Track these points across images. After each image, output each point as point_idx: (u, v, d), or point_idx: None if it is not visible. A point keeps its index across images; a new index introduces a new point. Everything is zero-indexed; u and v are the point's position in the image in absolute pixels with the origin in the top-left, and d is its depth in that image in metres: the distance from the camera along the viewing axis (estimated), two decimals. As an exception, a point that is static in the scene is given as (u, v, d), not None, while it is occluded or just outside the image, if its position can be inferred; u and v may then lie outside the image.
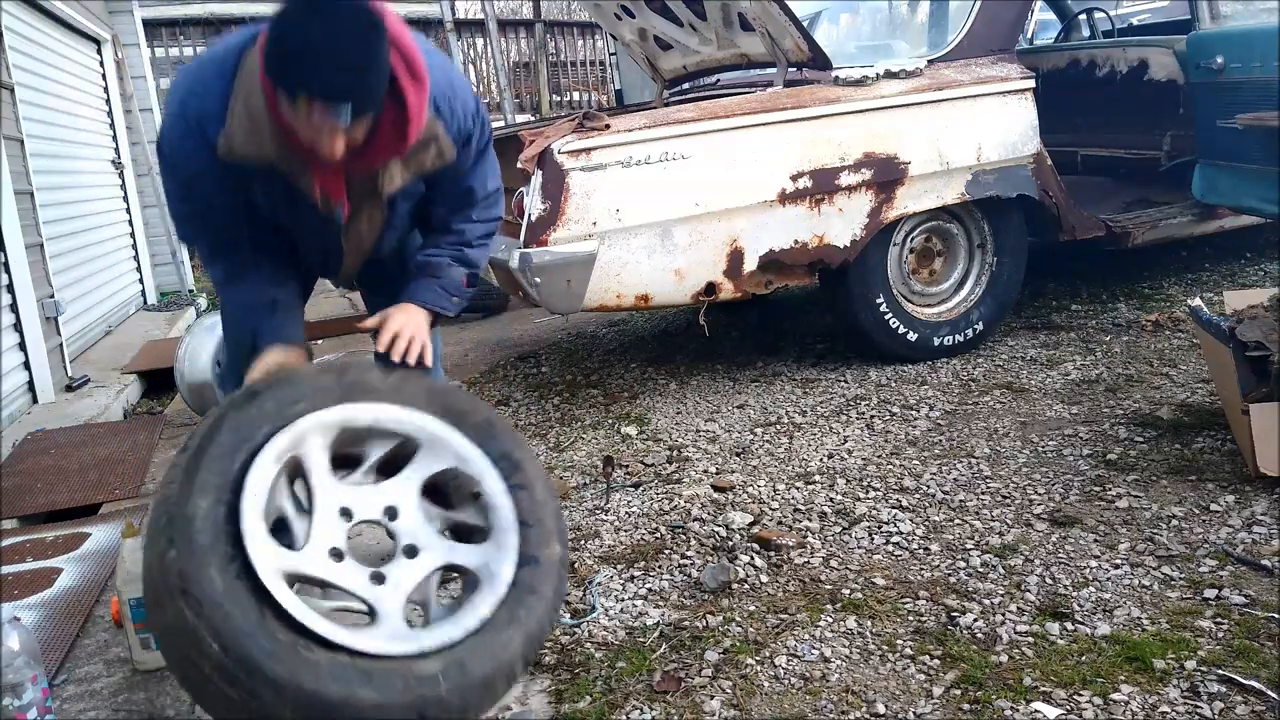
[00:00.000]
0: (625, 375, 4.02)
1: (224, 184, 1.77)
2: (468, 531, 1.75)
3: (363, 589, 1.58)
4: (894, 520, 2.46)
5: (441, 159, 1.85)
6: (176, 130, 1.75)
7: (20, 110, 4.91)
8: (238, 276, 1.93)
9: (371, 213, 1.92)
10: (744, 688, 1.84)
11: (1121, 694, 1.71)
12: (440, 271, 1.99)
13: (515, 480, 1.78)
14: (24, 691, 1.75)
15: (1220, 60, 3.59)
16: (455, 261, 2.00)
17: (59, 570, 2.67)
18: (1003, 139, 3.60)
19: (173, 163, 1.79)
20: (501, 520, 1.73)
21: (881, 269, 3.62)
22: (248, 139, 1.67)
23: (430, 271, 1.99)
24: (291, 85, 1.56)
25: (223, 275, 1.95)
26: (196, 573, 1.43)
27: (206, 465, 1.54)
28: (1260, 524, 2.23)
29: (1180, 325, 3.74)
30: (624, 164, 3.18)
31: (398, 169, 1.82)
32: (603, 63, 12.43)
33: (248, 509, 1.52)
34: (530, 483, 1.80)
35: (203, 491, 1.51)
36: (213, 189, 1.78)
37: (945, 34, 3.90)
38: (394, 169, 1.82)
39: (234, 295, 1.97)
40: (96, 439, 3.91)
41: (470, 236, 2.02)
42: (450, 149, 1.85)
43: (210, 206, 1.83)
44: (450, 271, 2.00)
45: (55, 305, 4.82)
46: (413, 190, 1.93)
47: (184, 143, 1.75)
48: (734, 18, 3.74)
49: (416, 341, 1.91)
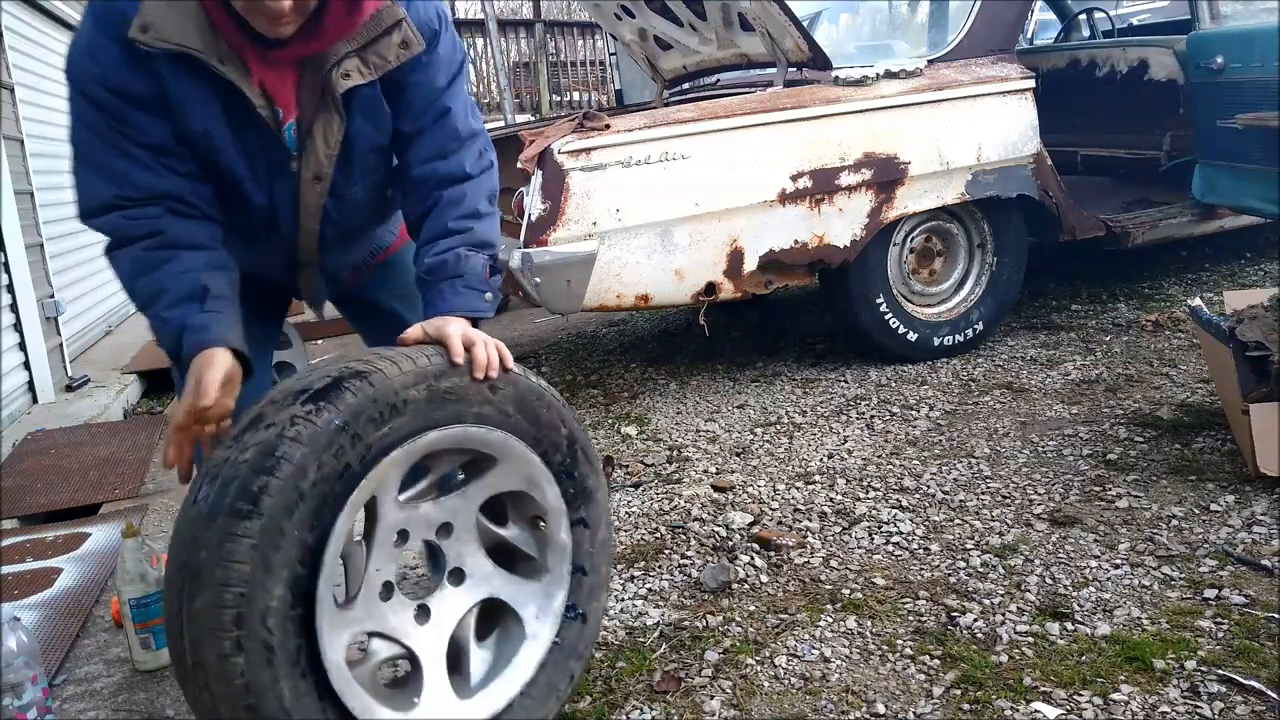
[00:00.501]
0: (625, 375, 4.02)
1: (143, 100, 1.43)
2: (512, 555, 1.61)
3: (408, 630, 1.48)
4: (894, 520, 2.46)
5: (408, 49, 1.54)
6: (87, 26, 1.43)
7: (20, 110, 4.91)
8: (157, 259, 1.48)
9: (327, 127, 1.55)
10: (744, 688, 1.84)
11: (1121, 694, 1.71)
12: (459, 267, 1.58)
13: (582, 514, 1.60)
14: (24, 691, 1.75)
15: (1220, 60, 3.59)
16: (470, 247, 1.60)
17: (59, 570, 2.67)
18: (1003, 139, 3.60)
19: (82, 72, 1.43)
20: (557, 561, 1.58)
21: (881, 269, 3.62)
22: (167, 17, 1.38)
23: (446, 272, 1.58)
24: None
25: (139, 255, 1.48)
26: (267, 687, 1.26)
27: (284, 540, 1.27)
28: (1260, 524, 2.23)
29: (1180, 325, 3.74)
30: (624, 164, 3.18)
31: (354, 64, 1.51)
32: (603, 63, 12.44)
33: (324, 592, 1.31)
34: (596, 519, 1.63)
35: (278, 578, 1.27)
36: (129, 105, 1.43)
37: (945, 34, 3.90)
38: (350, 64, 1.51)
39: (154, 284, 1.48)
40: (96, 439, 3.91)
41: (474, 201, 1.63)
42: (417, 38, 1.54)
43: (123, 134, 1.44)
44: (469, 262, 1.59)
45: (55, 305, 4.82)
46: (375, 107, 1.58)
47: (96, 39, 1.41)
48: (734, 18, 3.74)
49: (491, 346, 1.52)
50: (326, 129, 1.55)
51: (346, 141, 1.58)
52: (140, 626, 2.07)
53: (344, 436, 1.32)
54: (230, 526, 1.25)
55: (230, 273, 1.55)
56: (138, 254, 1.48)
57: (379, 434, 1.36)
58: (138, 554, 2.05)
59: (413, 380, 1.40)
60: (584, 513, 1.61)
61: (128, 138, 1.45)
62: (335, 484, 1.32)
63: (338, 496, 1.32)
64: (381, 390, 1.36)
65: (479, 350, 1.49)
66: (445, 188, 1.62)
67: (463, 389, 1.45)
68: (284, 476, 1.27)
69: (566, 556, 1.60)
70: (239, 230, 1.63)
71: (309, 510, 1.30)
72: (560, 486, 1.59)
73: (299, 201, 1.62)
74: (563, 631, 1.60)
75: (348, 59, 1.50)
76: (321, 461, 1.30)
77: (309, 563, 1.30)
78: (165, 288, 1.46)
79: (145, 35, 1.38)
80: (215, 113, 1.47)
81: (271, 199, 1.60)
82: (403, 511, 1.47)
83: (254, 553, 1.25)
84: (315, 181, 1.60)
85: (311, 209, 1.64)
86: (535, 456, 1.55)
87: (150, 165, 1.46)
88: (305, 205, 1.63)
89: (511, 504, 1.60)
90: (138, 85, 1.42)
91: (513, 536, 1.60)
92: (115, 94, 1.42)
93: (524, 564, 1.62)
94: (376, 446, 1.36)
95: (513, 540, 1.60)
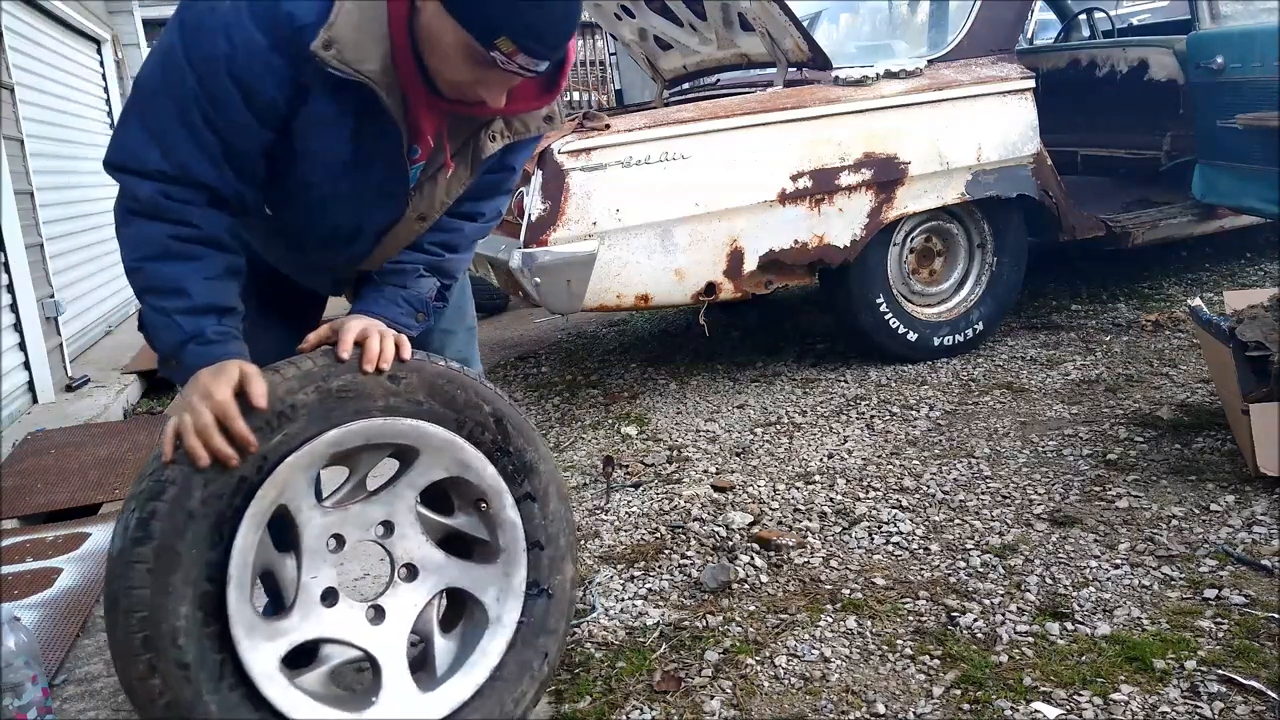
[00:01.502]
0: (625, 375, 4.02)
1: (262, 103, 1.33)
2: (464, 541, 1.60)
3: (361, 634, 1.47)
4: (894, 520, 2.46)
5: (550, 125, 1.55)
6: (236, 7, 1.30)
7: (20, 110, 4.91)
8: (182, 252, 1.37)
9: (455, 179, 1.54)
10: (744, 688, 1.84)
11: (1121, 694, 1.71)
12: (409, 280, 1.59)
13: (526, 489, 1.58)
14: (24, 691, 1.75)
15: (1220, 60, 3.59)
16: (429, 270, 1.61)
17: (59, 570, 2.67)
18: (1003, 139, 3.60)
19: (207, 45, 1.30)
20: (509, 540, 1.56)
21: (881, 269, 3.62)
22: (358, 41, 1.30)
23: (398, 280, 1.59)
24: (497, 25, 1.24)
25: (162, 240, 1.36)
26: (191, 703, 1.28)
27: (179, 562, 1.28)
28: (1260, 524, 2.23)
29: (1180, 325, 3.74)
30: (624, 164, 3.18)
31: (500, 127, 1.50)
32: (603, 63, 12.44)
33: (235, 602, 1.32)
34: (543, 492, 1.60)
35: (179, 596, 1.28)
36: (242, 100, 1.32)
37: (945, 34, 3.90)
38: (498, 126, 1.50)
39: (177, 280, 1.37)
40: (96, 439, 3.91)
41: (462, 239, 1.65)
42: (560, 117, 1.55)
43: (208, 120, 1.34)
44: (420, 283, 1.60)
45: (55, 305, 4.82)
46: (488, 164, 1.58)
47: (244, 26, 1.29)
48: (734, 18, 3.74)
49: (388, 338, 1.49)
50: (455, 180, 1.54)
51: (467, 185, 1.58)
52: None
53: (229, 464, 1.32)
54: (129, 555, 1.29)
55: (242, 276, 1.49)
56: (164, 238, 1.37)
57: (271, 443, 1.35)
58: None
59: (298, 384, 1.40)
60: (528, 487, 1.58)
61: (210, 124, 1.34)
62: (231, 499, 1.33)
63: (236, 510, 1.33)
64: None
65: (370, 343, 1.46)
66: (451, 215, 1.62)
67: (360, 385, 1.44)
68: (169, 499, 1.29)
69: (519, 534, 1.57)
70: (296, 240, 1.60)
71: (204, 529, 1.31)
72: (497, 465, 1.56)
73: (390, 231, 1.59)
74: (528, 610, 1.58)
75: (497, 121, 1.48)
76: (207, 479, 1.31)
77: (215, 579, 1.31)
78: (185, 289, 1.37)
79: (328, 53, 1.29)
80: (344, 137, 1.41)
81: (361, 224, 1.56)
82: (330, 515, 1.46)
83: (149, 577, 1.27)
84: (419, 220, 1.58)
85: (400, 239, 1.61)
86: (461, 439, 1.52)
87: (214, 157, 1.36)
88: (396, 235, 1.60)
89: (454, 491, 1.58)
90: (269, 90, 1.33)
91: (460, 524, 1.58)
92: (234, 81, 1.31)
93: (479, 549, 1.59)
94: (270, 455, 1.35)
95: (460, 527, 1.58)
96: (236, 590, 1.32)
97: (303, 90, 1.35)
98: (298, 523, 1.43)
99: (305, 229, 1.57)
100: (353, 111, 1.38)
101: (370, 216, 1.55)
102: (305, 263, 1.69)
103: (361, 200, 1.51)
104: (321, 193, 1.48)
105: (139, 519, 1.29)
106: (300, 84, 1.35)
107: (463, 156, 1.51)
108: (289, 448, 1.37)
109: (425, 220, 1.58)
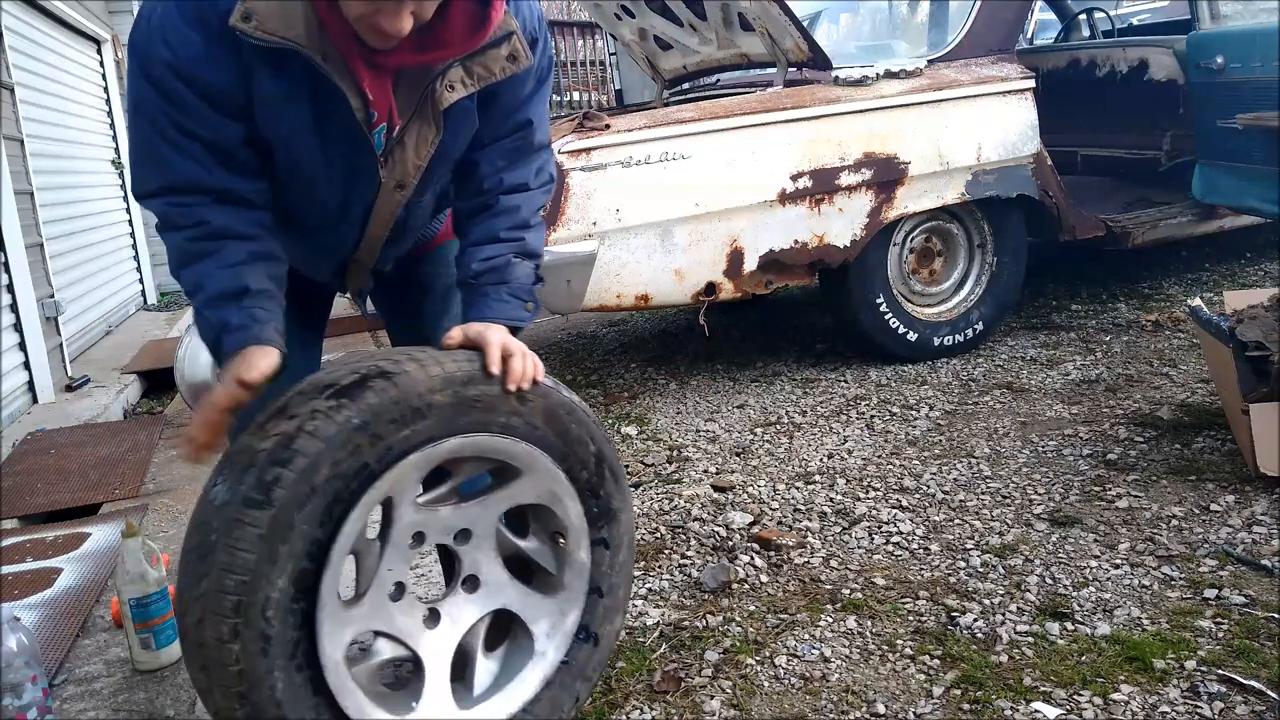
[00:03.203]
0: (625, 375, 4.02)
1: (216, 94, 1.34)
2: (529, 567, 1.59)
3: (415, 633, 1.46)
4: (894, 520, 2.46)
5: (515, 63, 1.46)
6: (164, 7, 1.32)
7: (20, 110, 4.92)
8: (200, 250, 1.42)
9: (421, 138, 1.48)
10: (744, 688, 1.84)
11: (1121, 694, 1.71)
12: (506, 274, 1.53)
13: (603, 534, 1.57)
14: (24, 691, 1.75)
15: (1220, 60, 3.59)
16: (519, 255, 1.55)
17: (59, 570, 2.67)
18: (1003, 139, 3.60)
19: (150, 55, 1.32)
20: (574, 579, 1.55)
21: (881, 269, 3.62)
22: (273, 10, 1.28)
23: (493, 278, 1.53)
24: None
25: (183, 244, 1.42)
26: (259, 675, 1.26)
27: (292, 533, 1.26)
28: (1260, 524, 2.23)
29: (1180, 325, 3.74)
30: (624, 164, 3.18)
31: (458, 75, 1.43)
32: (603, 63, 12.44)
33: (327, 584, 1.30)
34: (617, 541, 1.58)
35: (282, 569, 1.26)
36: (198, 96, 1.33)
37: (945, 34, 3.91)
38: (454, 74, 1.43)
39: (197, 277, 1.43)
40: (96, 439, 3.91)
41: (528, 213, 1.57)
42: (525, 52, 1.46)
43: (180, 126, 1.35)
44: (516, 270, 1.54)
45: (55, 305, 4.82)
46: (468, 115, 1.50)
47: (174, 24, 1.30)
48: (734, 18, 3.74)
49: (529, 359, 1.48)
50: (420, 140, 1.48)
51: (436, 153, 1.51)
52: (140, 626, 2.07)
53: (362, 435, 1.30)
54: (240, 514, 1.25)
55: (275, 263, 1.47)
56: (182, 243, 1.41)
57: (400, 435, 1.33)
58: (138, 554, 2.05)
59: (439, 385, 1.37)
60: (605, 533, 1.57)
61: (184, 130, 1.35)
62: (350, 481, 1.30)
63: (352, 494, 1.31)
64: (405, 392, 1.34)
65: (515, 362, 1.45)
66: (504, 194, 1.56)
67: (491, 398, 1.42)
68: (297, 470, 1.26)
69: (584, 576, 1.57)
70: (299, 227, 1.58)
71: (320, 505, 1.28)
72: (584, 504, 1.55)
73: (373, 205, 1.56)
74: (572, 651, 1.57)
75: (453, 69, 1.42)
76: (337, 458, 1.28)
77: (316, 557, 1.29)
78: (203, 284, 1.40)
79: (248, 25, 1.27)
80: (303, 114, 1.40)
81: (346, 201, 1.54)
82: (421, 514, 1.45)
83: (260, 543, 1.24)
84: (398, 190, 1.54)
85: (385, 214, 1.58)
86: (560, 471, 1.51)
87: (201, 160, 1.38)
88: (379, 210, 1.56)
89: (533, 516, 1.57)
90: (216, 78, 1.33)
91: (532, 549, 1.57)
92: (186, 82, 1.32)
93: (541, 578, 1.58)
94: (397, 448, 1.34)
95: (531, 553, 1.57)
96: (332, 572, 1.31)
97: (246, 71, 1.34)
98: (394, 515, 1.42)
99: (302, 213, 1.56)
100: (302, 85, 1.37)
101: (351, 191, 1.53)
102: (310, 253, 1.67)
103: (336, 176, 1.49)
104: (305, 174, 1.48)
105: (260, 480, 1.25)
106: (245, 67, 1.33)
107: (422, 113, 1.45)
108: (413, 444, 1.35)
109: (404, 189, 1.53)
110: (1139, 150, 4.75)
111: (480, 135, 1.55)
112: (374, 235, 1.61)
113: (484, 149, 1.56)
